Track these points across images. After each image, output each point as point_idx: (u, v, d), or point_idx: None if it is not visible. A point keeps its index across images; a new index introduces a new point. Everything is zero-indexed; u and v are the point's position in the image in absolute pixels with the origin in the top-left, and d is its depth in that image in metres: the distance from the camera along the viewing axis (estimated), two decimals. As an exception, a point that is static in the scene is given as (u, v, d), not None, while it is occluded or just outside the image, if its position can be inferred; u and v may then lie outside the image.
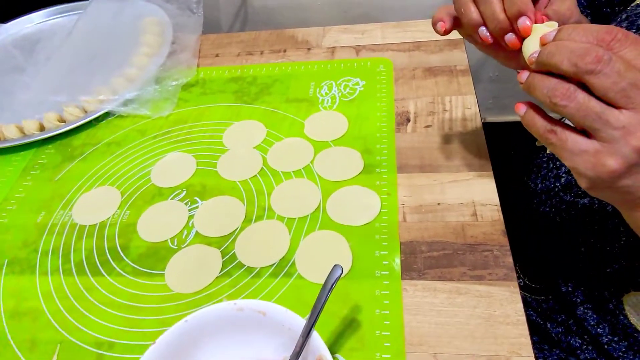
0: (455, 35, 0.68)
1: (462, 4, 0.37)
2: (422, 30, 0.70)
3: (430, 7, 0.91)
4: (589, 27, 0.29)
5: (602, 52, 0.27)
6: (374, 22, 0.73)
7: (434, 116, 0.57)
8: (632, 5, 0.42)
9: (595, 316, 0.44)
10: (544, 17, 0.34)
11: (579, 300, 0.45)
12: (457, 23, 0.40)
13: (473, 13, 0.36)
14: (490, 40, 0.37)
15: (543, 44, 0.31)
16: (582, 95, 0.28)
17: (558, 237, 0.47)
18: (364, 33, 0.72)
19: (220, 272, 0.46)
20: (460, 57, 0.64)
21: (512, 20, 0.34)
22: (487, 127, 0.55)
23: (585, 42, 0.28)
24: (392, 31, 0.71)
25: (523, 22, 0.33)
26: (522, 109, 0.32)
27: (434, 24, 0.40)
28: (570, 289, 0.45)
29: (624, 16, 0.41)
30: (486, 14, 0.35)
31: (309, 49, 0.71)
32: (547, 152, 0.51)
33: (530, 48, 0.33)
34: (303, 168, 0.54)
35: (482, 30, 0.37)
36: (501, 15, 0.34)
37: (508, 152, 0.69)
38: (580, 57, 0.27)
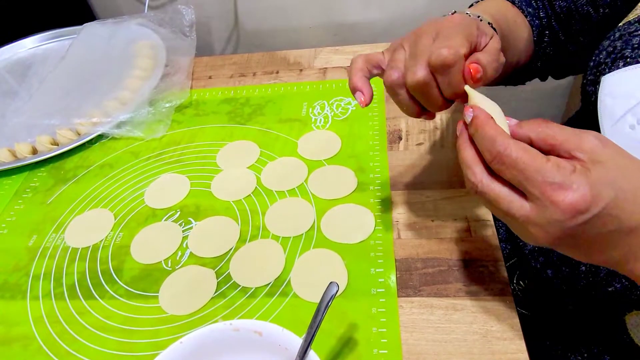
0: (443, 55, 0.70)
1: (399, 103, 0.38)
2: (412, 51, 0.71)
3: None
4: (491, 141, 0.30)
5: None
6: (364, 44, 0.75)
7: (425, 134, 0.58)
8: (624, 23, 0.42)
9: (596, 335, 0.44)
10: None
11: (579, 318, 0.44)
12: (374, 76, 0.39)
13: (414, 110, 0.38)
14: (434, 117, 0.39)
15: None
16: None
17: (557, 256, 0.46)
18: (354, 54, 0.73)
19: (215, 293, 0.46)
20: (449, 76, 0.66)
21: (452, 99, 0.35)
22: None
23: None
24: (382, 52, 0.72)
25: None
26: None
27: (352, 92, 0.39)
28: (570, 307, 0.45)
29: (617, 34, 0.41)
30: (429, 106, 0.37)
31: (301, 70, 0.72)
32: None
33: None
34: (297, 187, 0.54)
35: (423, 116, 0.38)
36: (441, 102, 0.36)
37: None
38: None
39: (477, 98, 0.33)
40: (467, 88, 0.34)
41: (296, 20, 0.97)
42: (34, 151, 0.63)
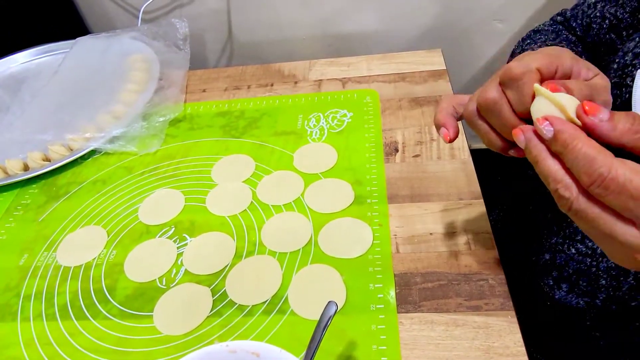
0: (438, 65, 0.70)
1: (482, 136, 0.34)
2: (407, 62, 0.71)
3: (413, 39, 0.93)
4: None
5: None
6: (359, 54, 0.75)
7: (422, 145, 0.57)
8: None
9: (619, 348, 0.42)
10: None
11: (598, 334, 0.42)
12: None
13: (497, 142, 0.33)
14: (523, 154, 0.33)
15: (569, 117, 0.27)
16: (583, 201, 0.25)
17: (573, 269, 0.44)
18: (349, 65, 0.73)
19: (210, 312, 0.45)
20: (444, 87, 0.66)
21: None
22: (473, 154, 0.55)
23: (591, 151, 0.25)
24: (377, 63, 0.72)
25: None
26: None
27: (436, 128, 0.37)
28: (589, 322, 0.43)
29: (637, 39, 0.39)
30: (502, 130, 0.32)
31: (295, 82, 0.72)
32: None
33: (543, 109, 0.28)
34: (293, 201, 0.53)
35: (511, 152, 0.33)
36: (514, 122, 0.31)
37: (495, 178, 0.69)
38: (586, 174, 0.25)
39: (550, 96, 0.28)
40: (536, 86, 0.29)
41: (290, 32, 0.97)
42: (26, 167, 0.62)
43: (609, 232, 0.25)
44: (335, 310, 0.33)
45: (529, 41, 0.52)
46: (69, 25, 0.95)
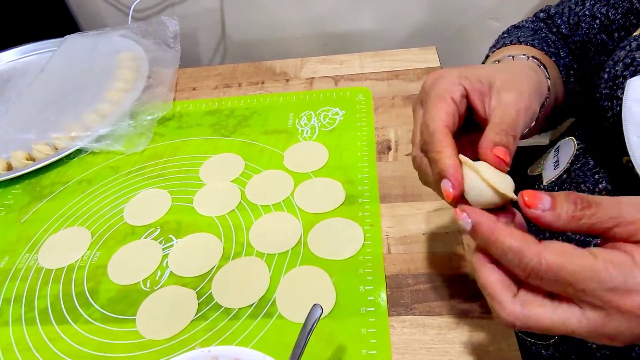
0: (432, 63, 0.69)
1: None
2: (400, 59, 0.70)
3: (409, 38, 0.92)
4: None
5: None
6: (353, 53, 0.73)
7: (415, 144, 0.56)
8: (637, 33, 0.38)
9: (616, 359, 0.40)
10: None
11: (594, 346, 0.41)
12: None
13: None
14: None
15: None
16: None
17: None
18: (342, 63, 0.72)
19: (195, 315, 0.43)
20: (438, 84, 0.64)
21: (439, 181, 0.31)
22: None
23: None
24: (370, 61, 0.71)
25: (444, 188, 0.30)
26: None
27: (439, 175, 0.32)
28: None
29: (634, 45, 0.37)
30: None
31: (287, 80, 0.70)
32: (544, 183, 0.48)
33: (471, 183, 0.29)
34: (283, 201, 0.52)
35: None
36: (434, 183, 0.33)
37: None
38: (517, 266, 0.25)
39: (473, 167, 0.29)
40: (461, 157, 0.30)
41: (284, 31, 0.96)
42: (9, 167, 0.61)
43: (564, 331, 0.24)
44: (320, 314, 0.32)
45: (506, 35, 0.51)
46: (60, 23, 0.94)
